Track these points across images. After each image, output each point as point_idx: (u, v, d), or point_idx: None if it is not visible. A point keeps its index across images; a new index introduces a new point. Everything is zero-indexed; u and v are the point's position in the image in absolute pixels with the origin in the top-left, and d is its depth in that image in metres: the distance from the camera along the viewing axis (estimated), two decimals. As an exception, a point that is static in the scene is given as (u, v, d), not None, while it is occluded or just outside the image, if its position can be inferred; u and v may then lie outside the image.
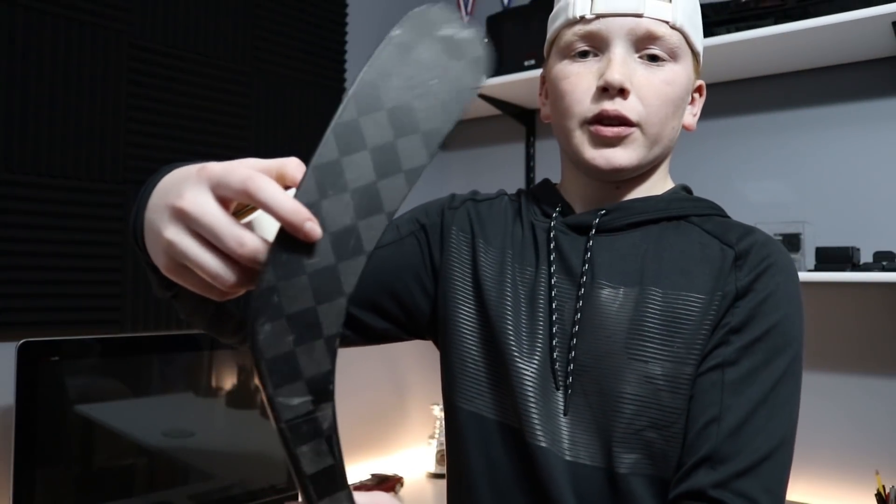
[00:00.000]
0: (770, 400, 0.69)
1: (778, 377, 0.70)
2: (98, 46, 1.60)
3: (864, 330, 1.71)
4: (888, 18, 1.48)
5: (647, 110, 0.75)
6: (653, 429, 0.71)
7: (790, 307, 0.73)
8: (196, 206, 0.47)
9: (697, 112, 0.86)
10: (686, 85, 0.79)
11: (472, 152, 2.46)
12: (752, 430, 0.68)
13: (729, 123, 1.93)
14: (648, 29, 0.75)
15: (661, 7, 0.75)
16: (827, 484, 1.73)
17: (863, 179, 1.73)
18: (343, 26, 2.15)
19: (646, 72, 0.76)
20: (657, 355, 0.72)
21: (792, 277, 0.74)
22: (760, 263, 0.73)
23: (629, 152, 0.76)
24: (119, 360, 1.47)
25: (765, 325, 0.71)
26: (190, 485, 1.58)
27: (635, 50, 0.76)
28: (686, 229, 0.78)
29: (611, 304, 0.75)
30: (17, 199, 1.47)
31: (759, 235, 0.77)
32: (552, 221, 0.82)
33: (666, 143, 0.79)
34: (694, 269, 0.74)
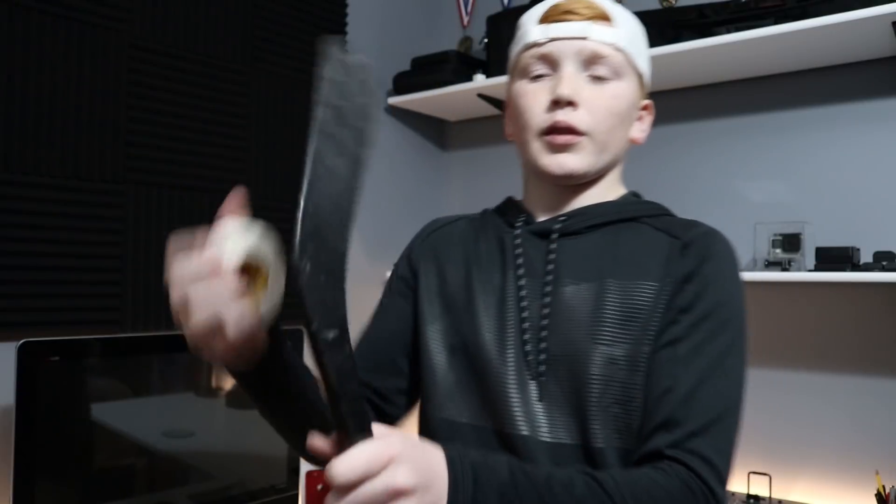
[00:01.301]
0: (717, 370, 0.78)
1: (723, 350, 0.79)
2: (98, 46, 1.60)
3: (864, 330, 1.71)
4: (888, 18, 1.48)
5: (595, 120, 0.85)
6: (617, 404, 0.80)
7: (731, 288, 0.83)
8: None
9: (646, 128, 0.95)
10: (631, 100, 0.89)
11: (471, 152, 2.46)
12: (702, 397, 0.77)
13: (729, 123, 1.93)
14: (594, 50, 0.85)
15: (605, 31, 0.86)
16: (827, 484, 1.73)
17: (863, 179, 1.73)
18: (343, 26, 2.15)
19: (593, 88, 0.86)
20: (617, 339, 0.81)
21: (731, 263, 0.84)
22: (704, 251, 0.83)
23: (579, 158, 0.86)
24: (119, 360, 1.47)
25: (709, 304, 0.80)
26: (190, 485, 1.58)
27: (584, 69, 0.86)
28: (638, 228, 0.88)
29: (574, 298, 0.84)
30: (17, 199, 1.47)
31: (702, 227, 0.86)
32: (517, 230, 0.92)
33: (614, 152, 0.89)
34: (646, 260, 0.84)
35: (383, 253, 2.27)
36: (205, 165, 1.79)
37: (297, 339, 1.79)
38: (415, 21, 2.43)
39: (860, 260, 1.60)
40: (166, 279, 0.64)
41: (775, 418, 1.80)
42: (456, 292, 0.92)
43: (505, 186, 1.02)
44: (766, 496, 1.73)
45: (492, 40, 2.09)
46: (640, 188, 0.97)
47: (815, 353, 1.76)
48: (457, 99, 2.19)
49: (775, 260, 1.68)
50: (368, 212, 2.21)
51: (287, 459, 1.76)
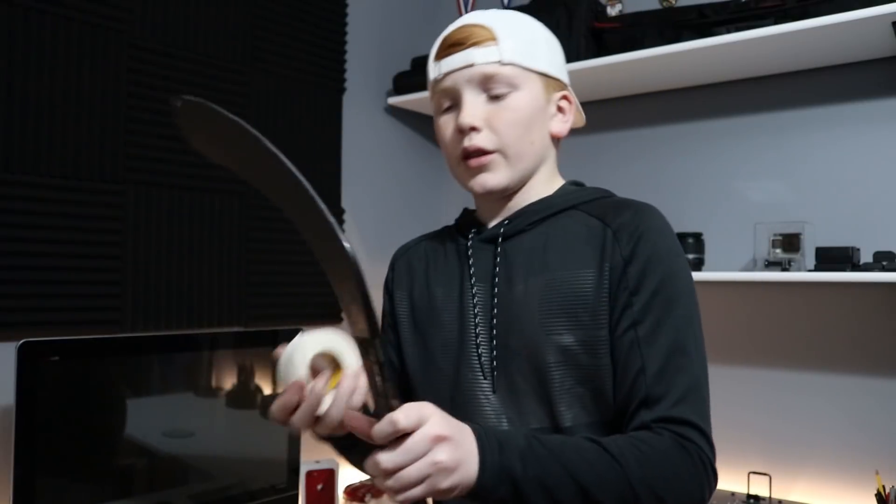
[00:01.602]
0: (680, 344, 0.85)
1: (680, 323, 0.86)
2: (98, 46, 1.60)
3: (864, 330, 1.71)
4: (888, 18, 1.48)
5: (500, 136, 0.91)
6: (579, 385, 0.87)
7: (671, 260, 0.88)
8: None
9: (570, 118, 0.99)
10: (533, 104, 0.93)
11: (472, 152, 2.45)
12: (673, 370, 0.84)
13: (729, 123, 1.93)
14: (483, 72, 0.91)
15: (488, 52, 0.91)
16: (827, 484, 1.73)
17: (863, 179, 1.73)
18: (343, 26, 2.15)
19: (493, 107, 0.92)
20: (567, 328, 0.87)
21: (665, 235, 0.90)
22: (635, 231, 0.88)
23: (496, 174, 0.93)
24: (119, 360, 1.47)
25: (655, 281, 0.86)
26: (190, 485, 1.58)
27: (482, 91, 0.92)
28: (574, 216, 0.94)
29: (522, 296, 0.91)
30: (17, 199, 1.47)
31: (631, 207, 0.92)
32: (469, 241, 0.99)
33: (532, 156, 0.94)
34: (581, 249, 0.90)
35: (383, 253, 2.27)
36: (205, 165, 1.79)
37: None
38: (415, 21, 2.43)
39: (860, 260, 1.60)
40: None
41: (775, 418, 1.80)
42: (423, 311, 1.01)
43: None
44: (766, 496, 1.73)
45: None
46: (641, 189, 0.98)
47: (815, 353, 1.76)
48: (457, 99, 2.18)
49: (775, 260, 1.68)
50: (368, 212, 2.21)
51: (287, 459, 1.76)
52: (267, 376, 1.74)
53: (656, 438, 0.81)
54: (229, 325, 1.83)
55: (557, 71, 0.96)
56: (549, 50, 0.96)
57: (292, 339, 0.80)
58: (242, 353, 1.69)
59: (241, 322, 1.85)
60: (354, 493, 1.95)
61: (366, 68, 2.24)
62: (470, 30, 0.92)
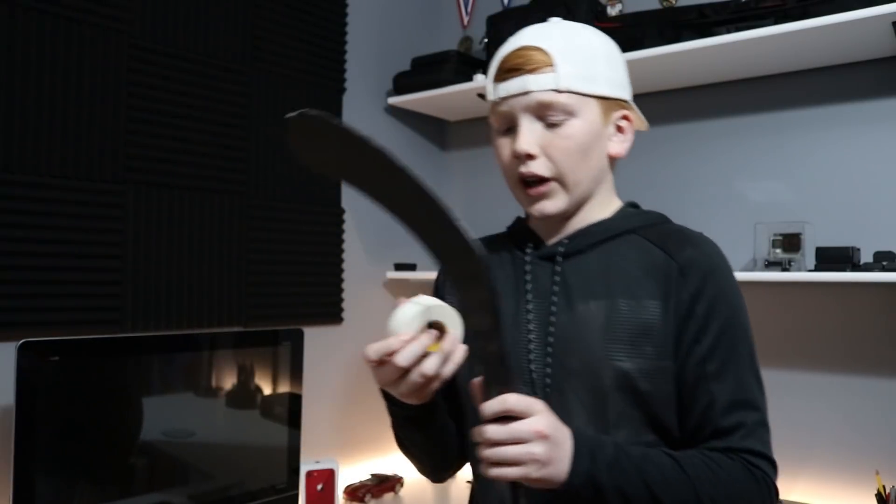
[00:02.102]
0: (747, 381, 0.90)
1: (745, 361, 0.91)
2: (98, 46, 1.60)
3: (864, 330, 1.71)
4: (888, 18, 1.48)
5: (556, 165, 0.92)
6: (633, 408, 0.90)
7: (734, 298, 0.93)
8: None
9: (627, 138, 0.98)
10: (590, 130, 0.93)
11: (471, 152, 2.46)
12: (741, 405, 0.89)
13: (729, 123, 1.93)
14: (538, 100, 0.91)
15: (545, 78, 0.91)
16: (827, 484, 1.73)
17: (863, 179, 1.73)
18: (343, 26, 2.15)
19: (549, 134, 0.92)
20: (631, 355, 0.89)
21: (727, 272, 0.94)
22: (700, 269, 0.91)
23: (554, 202, 0.94)
24: (119, 360, 1.47)
25: (721, 320, 0.90)
26: (190, 485, 1.58)
27: (539, 118, 0.92)
28: (635, 241, 0.95)
29: (584, 317, 0.92)
30: (17, 199, 1.47)
31: (692, 240, 0.95)
32: (527, 256, 1.00)
33: (590, 180, 0.95)
34: (647, 278, 0.92)
35: (383, 253, 2.27)
36: (205, 165, 1.79)
37: (298, 337, 1.80)
38: (415, 21, 2.43)
39: (860, 260, 1.60)
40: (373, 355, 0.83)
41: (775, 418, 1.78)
42: None
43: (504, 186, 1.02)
44: (766, 496, 1.73)
45: (492, 40, 2.09)
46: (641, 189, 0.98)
47: (816, 353, 1.76)
48: (457, 99, 2.19)
49: (775, 260, 1.68)
50: (368, 212, 2.21)
51: (287, 459, 1.76)
52: (267, 376, 1.74)
53: (728, 462, 0.87)
54: (229, 325, 1.83)
55: (617, 89, 0.95)
56: (609, 67, 0.95)
57: (413, 297, 0.85)
58: (242, 353, 1.70)
59: (241, 322, 1.85)
60: (354, 493, 1.95)
61: (366, 68, 2.24)
62: (527, 54, 0.92)
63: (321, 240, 2.07)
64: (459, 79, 2.12)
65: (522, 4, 2.11)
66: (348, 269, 2.15)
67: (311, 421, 1.94)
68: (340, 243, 2.12)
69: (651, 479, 0.83)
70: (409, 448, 1.02)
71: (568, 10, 1.92)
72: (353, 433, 2.16)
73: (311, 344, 1.92)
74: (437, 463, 1.05)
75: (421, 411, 0.91)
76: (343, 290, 2.13)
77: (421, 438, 0.98)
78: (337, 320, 2.12)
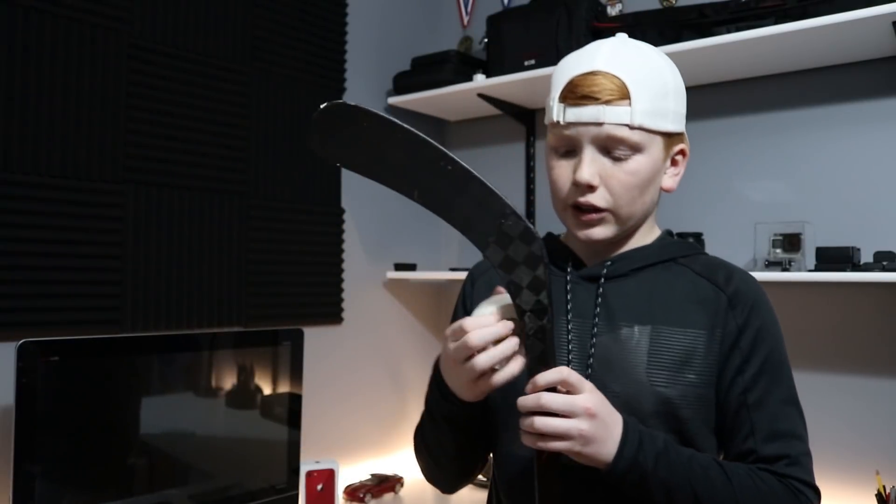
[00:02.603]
0: (786, 411, 0.92)
1: (784, 390, 0.93)
2: (98, 46, 1.60)
3: (864, 330, 1.71)
4: (888, 18, 1.48)
5: (615, 198, 0.92)
6: (671, 433, 0.90)
7: (776, 330, 0.96)
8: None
9: (680, 172, 0.99)
10: (652, 167, 0.93)
11: (472, 152, 2.46)
12: (782, 437, 0.90)
13: (729, 123, 1.93)
14: (609, 134, 0.89)
15: (620, 112, 0.89)
16: (827, 484, 1.73)
17: (863, 179, 1.73)
18: (343, 26, 2.15)
19: (612, 167, 0.91)
20: (673, 382, 0.90)
21: (771, 307, 0.97)
22: (748, 301, 0.94)
23: (604, 230, 0.94)
24: (119, 360, 1.47)
25: (764, 352, 0.93)
26: (190, 485, 1.58)
27: (602, 152, 0.91)
28: (678, 270, 0.97)
29: (629, 339, 0.92)
30: (17, 199, 1.47)
31: (737, 273, 0.96)
32: (567, 276, 0.99)
33: (641, 214, 0.96)
34: (692, 307, 0.93)
35: (383, 253, 2.27)
36: (205, 165, 1.79)
37: (298, 337, 1.80)
38: (415, 21, 2.43)
39: (860, 260, 1.60)
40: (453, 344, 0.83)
41: (775, 418, 1.80)
42: None
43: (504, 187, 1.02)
44: (766, 496, 1.73)
45: (492, 40, 2.09)
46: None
47: (816, 353, 1.76)
48: (457, 99, 2.18)
49: (775, 260, 1.68)
50: (368, 212, 2.21)
51: (287, 459, 1.76)
52: (267, 376, 1.74)
53: (773, 480, 0.88)
54: (229, 325, 1.83)
55: (680, 124, 0.95)
56: (676, 101, 0.94)
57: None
58: (242, 353, 1.69)
59: (241, 322, 1.85)
60: (354, 494, 1.95)
61: (366, 68, 2.24)
62: (602, 82, 0.89)
63: (321, 240, 2.07)
64: (459, 79, 2.11)
65: (522, 4, 2.11)
66: (348, 269, 2.15)
67: (311, 421, 1.94)
68: (340, 243, 2.12)
69: (695, 478, 0.84)
70: (435, 452, 1.01)
71: (568, 10, 1.92)
72: (353, 433, 2.16)
73: (311, 344, 1.92)
74: (458, 469, 1.04)
75: (466, 410, 0.90)
76: (343, 290, 2.13)
77: (452, 442, 0.97)
78: (337, 320, 2.12)
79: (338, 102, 0.75)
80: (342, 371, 2.13)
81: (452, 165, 0.76)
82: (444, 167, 0.76)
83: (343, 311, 2.13)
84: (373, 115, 0.76)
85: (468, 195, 0.77)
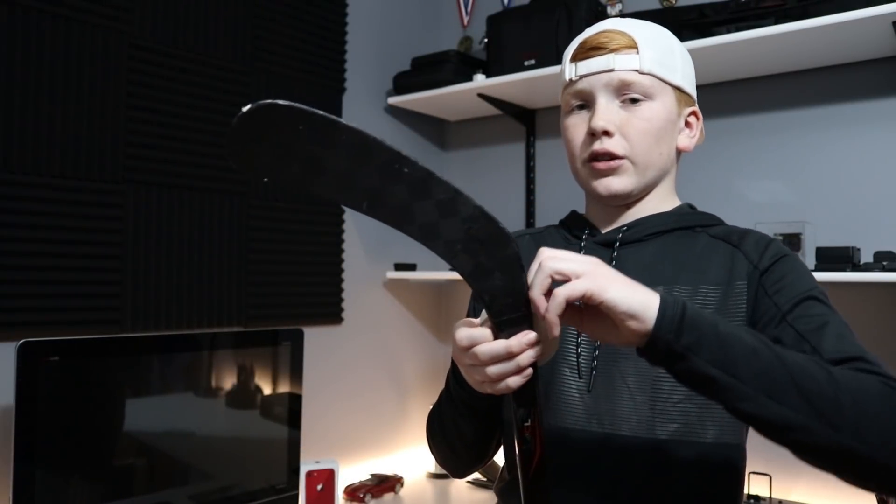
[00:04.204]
0: (843, 333, 0.81)
1: (835, 319, 0.83)
2: (98, 46, 1.60)
3: (864, 330, 1.70)
4: (888, 18, 1.48)
5: (631, 144, 0.92)
6: (688, 400, 0.86)
7: (800, 265, 0.89)
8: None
9: (696, 134, 1.01)
10: (666, 116, 0.95)
11: (472, 152, 2.46)
12: (849, 348, 0.78)
13: (729, 123, 1.93)
14: (621, 79, 0.92)
15: (629, 59, 0.92)
16: (827, 484, 1.73)
17: (863, 179, 1.73)
18: (343, 26, 2.15)
19: (626, 113, 0.93)
20: None
21: (788, 250, 0.91)
22: (762, 242, 0.90)
23: (623, 179, 0.93)
24: (119, 360, 1.47)
25: (797, 282, 0.85)
26: (190, 485, 1.58)
27: (617, 97, 0.93)
28: (695, 236, 0.95)
29: None
30: (17, 199, 1.47)
31: (755, 233, 0.93)
32: (582, 242, 0.99)
33: (658, 167, 0.95)
34: (707, 266, 0.91)
35: (383, 253, 2.27)
36: (205, 165, 1.79)
37: (298, 337, 1.80)
38: (415, 21, 2.43)
39: (860, 260, 1.60)
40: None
41: (775, 418, 1.79)
42: None
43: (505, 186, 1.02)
44: (767, 496, 1.73)
45: (492, 40, 2.09)
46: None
47: (816, 353, 1.76)
48: (457, 99, 2.18)
49: (775, 260, 1.68)
50: (368, 212, 2.21)
51: (287, 459, 1.76)
52: (267, 376, 1.74)
53: (864, 374, 0.75)
54: (229, 325, 1.83)
55: (690, 86, 0.98)
56: (684, 64, 0.97)
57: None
58: (242, 353, 1.70)
59: (241, 322, 1.85)
60: (354, 494, 1.95)
61: (366, 68, 2.24)
62: (611, 35, 0.93)
63: (321, 240, 2.07)
64: (459, 79, 2.11)
65: (522, 4, 2.11)
66: (348, 269, 2.15)
67: (311, 421, 1.94)
68: (340, 243, 2.12)
69: (770, 347, 0.71)
70: (450, 438, 0.99)
71: (568, 10, 1.92)
72: (353, 433, 2.16)
73: (311, 344, 1.92)
74: (473, 457, 1.02)
75: (486, 403, 0.88)
76: (343, 290, 2.13)
77: (472, 430, 0.95)
78: (337, 320, 2.12)
79: (265, 103, 0.62)
80: (342, 371, 2.13)
81: (409, 167, 0.65)
82: (400, 170, 0.64)
83: (343, 311, 2.13)
84: (311, 116, 0.64)
85: (429, 200, 0.66)
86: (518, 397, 0.74)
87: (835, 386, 0.70)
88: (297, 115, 0.63)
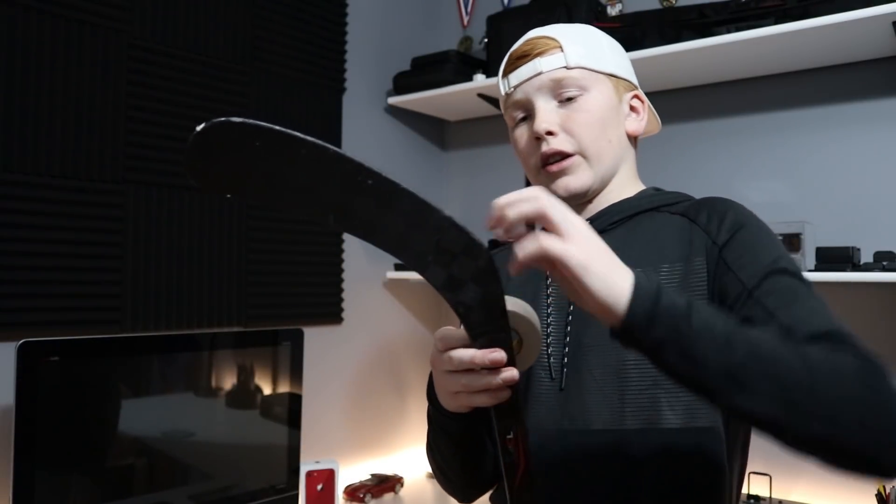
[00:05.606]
0: (812, 306, 0.78)
1: (807, 291, 0.79)
2: (98, 46, 1.60)
3: (864, 330, 1.69)
4: (888, 18, 1.48)
5: (577, 139, 0.92)
6: (655, 386, 0.84)
7: (766, 234, 0.85)
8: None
9: (644, 117, 1.00)
10: (606, 104, 0.94)
11: (471, 152, 2.46)
12: (818, 321, 0.75)
13: (729, 123, 1.93)
14: (551, 78, 0.93)
15: (555, 59, 0.93)
16: (827, 484, 1.73)
17: (863, 179, 1.73)
18: (343, 26, 2.15)
19: (566, 111, 0.93)
20: None
21: (742, 209, 0.88)
22: (725, 221, 0.86)
23: (579, 176, 0.93)
24: (119, 360, 1.47)
25: (767, 262, 0.81)
26: (190, 485, 1.58)
27: (553, 97, 0.93)
28: (658, 216, 0.94)
29: None
30: (17, 199, 1.47)
31: (710, 200, 0.92)
32: None
33: (612, 156, 0.95)
34: (665, 244, 0.90)
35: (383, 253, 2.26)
36: (205, 165, 1.79)
37: (298, 337, 1.80)
38: (415, 21, 2.43)
39: (860, 260, 1.60)
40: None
41: (775, 418, 1.79)
42: None
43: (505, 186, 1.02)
44: (767, 496, 1.73)
45: (492, 40, 2.09)
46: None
47: (815, 353, 1.76)
48: (457, 99, 2.19)
49: (775, 260, 1.68)
50: (368, 212, 2.21)
51: (287, 459, 1.76)
52: (267, 376, 1.74)
53: (832, 351, 0.71)
54: (229, 325, 1.83)
55: (625, 72, 0.98)
56: (614, 53, 0.98)
57: (512, 298, 0.75)
58: (242, 353, 1.70)
59: (241, 322, 1.85)
60: (354, 494, 1.95)
61: (366, 68, 2.24)
62: (534, 42, 0.95)
63: (321, 240, 2.07)
64: (459, 79, 2.12)
65: (522, 4, 2.12)
66: (348, 269, 2.15)
67: (311, 421, 1.94)
68: (340, 243, 2.12)
69: (742, 330, 0.68)
70: (438, 461, 1.00)
71: (568, 10, 1.92)
72: (353, 433, 2.16)
73: (311, 344, 1.93)
74: (466, 482, 1.01)
75: (455, 423, 0.87)
76: (343, 290, 2.13)
77: (451, 452, 0.95)
78: (337, 320, 2.12)
79: (220, 121, 0.61)
80: (342, 371, 2.13)
81: (373, 179, 0.63)
82: (364, 182, 0.63)
83: (343, 311, 2.13)
84: (268, 132, 0.62)
85: (396, 211, 0.64)
86: (497, 410, 0.73)
87: (809, 373, 0.67)
88: (251, 132, 0.61)
